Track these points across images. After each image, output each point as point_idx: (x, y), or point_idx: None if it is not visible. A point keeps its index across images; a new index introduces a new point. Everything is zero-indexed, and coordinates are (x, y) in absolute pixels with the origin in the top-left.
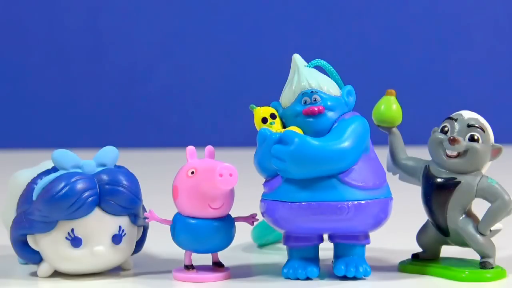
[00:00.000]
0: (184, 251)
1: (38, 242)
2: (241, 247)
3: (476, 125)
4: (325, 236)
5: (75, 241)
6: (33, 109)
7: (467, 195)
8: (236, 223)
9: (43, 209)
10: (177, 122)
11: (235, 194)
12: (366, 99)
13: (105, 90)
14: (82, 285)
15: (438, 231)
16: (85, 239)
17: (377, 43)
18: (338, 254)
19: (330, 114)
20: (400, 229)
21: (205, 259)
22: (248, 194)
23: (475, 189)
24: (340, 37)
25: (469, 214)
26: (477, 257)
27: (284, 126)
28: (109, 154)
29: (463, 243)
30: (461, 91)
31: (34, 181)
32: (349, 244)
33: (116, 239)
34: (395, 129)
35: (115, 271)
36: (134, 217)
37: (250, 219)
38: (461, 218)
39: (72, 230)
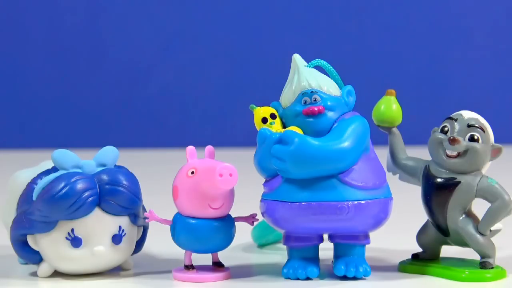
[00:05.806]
0: (184, 251)
1: (38, 242)
2: (241, 247)
3: (476, 125)
4: (325, 236)
5: (75, 241)
6: (33, 109)
7: (467, 195)
8: (236, 223)
9: (43, 209)
10: (177, 122)
11: (235, 194)
12: (366, 99)
13: (105, 90)
14: (82, 285)
15: (438, 231)
16: (85, 239)
17: (377, 43)
18: (338, 254)
19: (330, 114)
20: (400, 229)
21: (205, 259)
22: (248, 194)
23: (475, 189)
24: (340, 37)
25: (469, 214)
26: (477, 257)
27: (284, 126)
28: (109, 154)
29: (463, 243)
30: (461, 91)
31: (34, 181)
32: (349, 244)
33: (116, 239)
34: (395, 129)
35: (115, 271)
36: (134, 217)
37: (250, 219)
38: (461, 218)
39: (72, 230)
